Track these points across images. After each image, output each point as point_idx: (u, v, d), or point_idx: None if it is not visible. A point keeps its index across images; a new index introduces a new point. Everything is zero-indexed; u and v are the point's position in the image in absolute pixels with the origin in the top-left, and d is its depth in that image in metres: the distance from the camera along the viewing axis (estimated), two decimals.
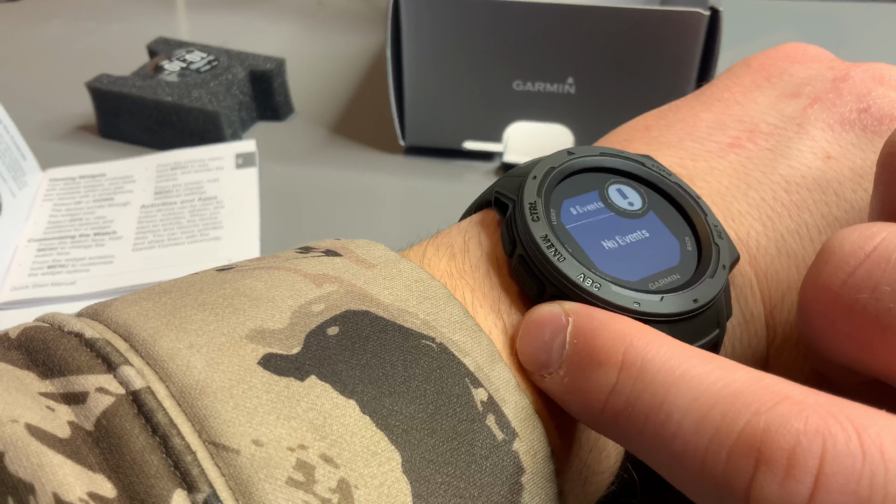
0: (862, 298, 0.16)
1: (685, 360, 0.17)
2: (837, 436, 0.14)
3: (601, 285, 0.19)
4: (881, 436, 0.14)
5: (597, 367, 0.18)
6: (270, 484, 0.15)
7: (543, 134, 0.52)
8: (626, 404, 0.17)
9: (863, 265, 0.16)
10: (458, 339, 0.19)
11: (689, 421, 0.16)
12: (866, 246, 0.16)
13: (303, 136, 0.58)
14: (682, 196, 0.22)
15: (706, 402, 0.16)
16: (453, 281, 0.21)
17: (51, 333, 0.17)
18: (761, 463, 0.14)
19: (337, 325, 0.18)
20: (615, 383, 0.17)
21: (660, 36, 0.48)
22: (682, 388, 0.16)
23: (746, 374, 0.16)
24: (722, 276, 0.21)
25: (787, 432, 0.14)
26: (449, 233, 0.23)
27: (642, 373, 0.17)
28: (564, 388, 0.18)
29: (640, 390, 0.17)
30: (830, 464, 0.14)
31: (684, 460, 0.16)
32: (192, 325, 0.17)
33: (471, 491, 0.17)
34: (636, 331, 0.18)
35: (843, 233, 0.17)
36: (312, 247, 0.21)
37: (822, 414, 0.14)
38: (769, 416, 0.15)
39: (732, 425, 0.15)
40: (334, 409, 0.16)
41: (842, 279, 0.17)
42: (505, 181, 0.22)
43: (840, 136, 0.24)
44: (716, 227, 0.22)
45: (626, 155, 0.23)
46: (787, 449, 0.14)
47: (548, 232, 0.20)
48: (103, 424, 0.15)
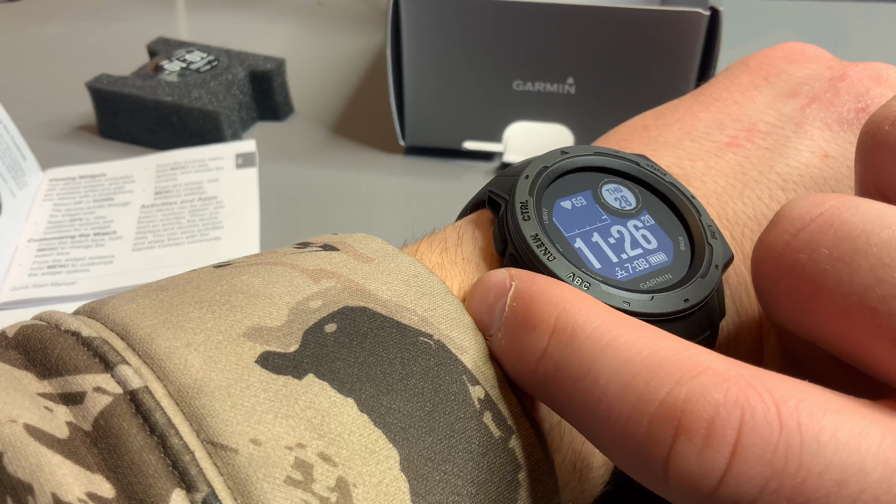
0: (801, 258, 0.16)
1: (615, 328, 0.17)
2: (756, 407, 0.14)
3: (591, 284, 0.19)
4: (799, 408, 0.14)
5: (530, 331, 0.18)
6: (269, 483, 0.15)
7: (543, 134, 0.52)
8: (555, 368, 0.17)
9: (807, 228, 0.17)
10: (456, 336, 0.19)
11: (613, 387, 0.16)
12: (813, 211, 0.17)
13: (303, 136, 0.58)
14: (677, 196, 0.22)
15: (631, 369, 0.16)
16: (443, 272, 0.21)
17: (48, 332, 0.17)
18: (681, 432, 0.15)
19: (335, 322, 0.18)
20: (546, 347, 0.18)
21: (660, 36, 0.48)
22: (609, 355, 0.16)
23: (672, 344, 0.16)
24: (714, 276, 0.21)
25: (707, 403, 0.15)
26: (444, 231, 0.23)
27: (572, 338, 0.17)
28: (501, 350, 0.19)
29: (569, 355, 0.17)
30: (748, 434, 0.14)
31: (608, 425, 0.16)
32: (189, 322, 0.17)
33: (468, 488, 0.17)
34: (571, 296, 0.18)
35: (797, 199, 0.17)
36: (310, 242, 0.21)
37: (743, 385, 0.15)
38: (690, 386, 0.15)
39: (655, 393, 0.15)
40: (332, 407, 0.16)
41: (786, 240, 0.17)
42: (498, 180, 0.22)
43: (838, 135, 0.24)
44: (710, 228, 0.22)
45: (621, 154, 0.23)
46: (706, 419, 0.14)
47: (538, 231, 0.20)
48: (101, 424, 0.15)
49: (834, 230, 0.16)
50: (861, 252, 0.16)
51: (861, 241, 0.16)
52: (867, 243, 0.15)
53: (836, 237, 0.16)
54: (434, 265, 0.21)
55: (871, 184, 0.19)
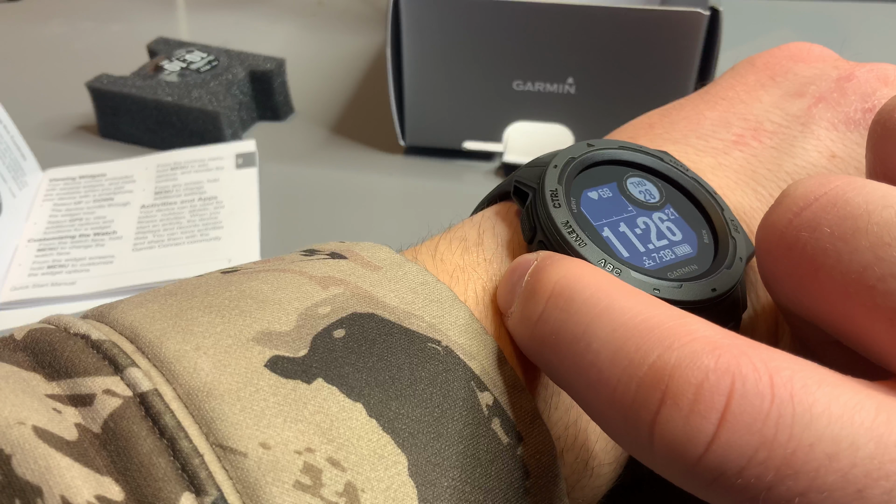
0: (802, 236, 0.16)
1: (611, 293, 0.17)
2: (748, 375, 0.14)
3: (621, 271, 0.19)
4: (793, 379, 0.14)
5: (531, 296, 0.18)
6: (278, 487, 0.15)
7: (543, 134, 0.52)
8: (551, 332, 0.17)
9: (810, 207, 0.16)
10: (464, 342, 0.19)
11: (605, 351, 0.16)
12: (818, 191, 0.17)
13: (303, 136, 0.58)
14: (699, 191, 0.22)
15: (623, 334, 0.16)
16: (466, 274, 0.21)
17: (57, 335, 0.17)
18: (668, 396, 0.14)
19: (343, 327, 0.18)
20: (542, 310, 0.18)
21: (660, 36, 0.48)
22: (603, 320, 0.16)
23: (667, 312, 0.16)
24: (739, 267, 0.21)
25: (696, 368, 0.14)
26: (462, 226, 0.23)
27: (569, 303, 0.17)
28: (513, 323, 0.19)
29: (565, 319, 0.17)
30: (738, 402, 0.14)
31: (598, 389, 0.16)
32: (198, 327, 0.17)
33: (476, 495, 0.17)
34: (575, 265, 0.18)
35: (803, 179, 0.17)
36: (317, 249, 0.21)
37: (735, 353, 0.14)
38: (681, 351, 0.15)
39: (645, 358, 0.15)
40: (341, 412, 0.16)
41: (788, 219, 0.17)
42: (525, 171, 0.23)
43: (844, 135, 0.24)
44: (732, 222, 0.22)
45: (645, 149, 0.23)
46: (695, 384, 0.14)
47: (569, 218, 0.20)
48: (111, 427, 0.15)
49: (837, 209, 0.16)
50: (861, 230, 0.15)
51: (862, 219, 0.15)
52: (868, 222, 0.15)
53: (839, 216, 0.16)
54: (456, 267, 0.21)
55: (880, 171, 0.19)
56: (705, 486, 0.14)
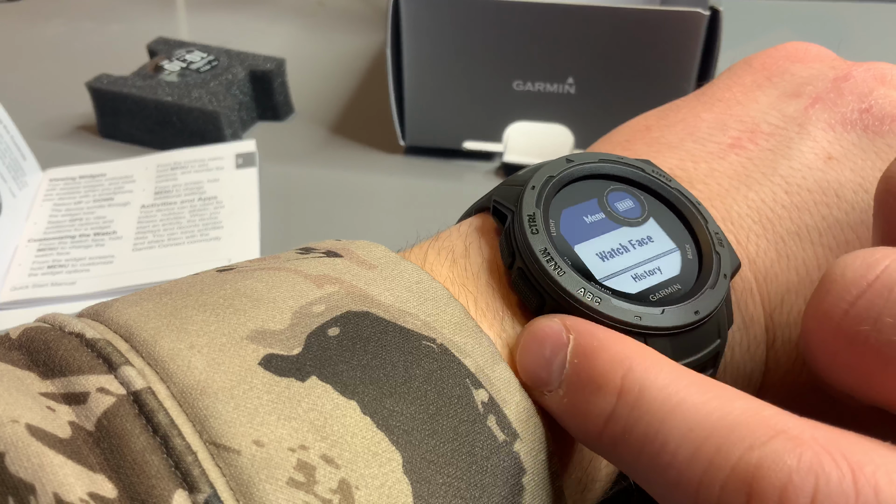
0: (864, 330, 0.16)
1: (683, 388, 0.16)
2: (831, 473, 0.14)
3: (601, 299, 0.19)
4: (876, 474, 0.14)
5: (595, 391, 0.18)
6: (271, 484, 0.15)
7: (543, 134, 0.52)
8: (623, 430, 0.17)
9: (865, 295, 0.16)
10: (459, 340, 0.19)
11: (683, 451, 0.16)
12: (869, 275, 0.16)
13: (303, 136, 0.58)
14: (683, 203, 0.22)
15: (701, 433, 0.15)
16: (455, 288, 0.21)
17: (52, 334, 0.17)
18: (753, 498, 0.14)
19: (338, 325, 0.18)
20: (613, 409, 0.17)
21: (660, 36, 0.48)
22: (678, 418, 0.16)
23: (744, 405, 0.16)
24: (723, 286, 0.20)
25: (780, 469, 0.14)
26: (449, 236, 0.23)
27: (640, 400, 0.17)
28: (563, 409, 0.18)
29: (637, 417, 0.17)
30: (823, 502, 0.14)
31: (678, 490, 0.16)
32: (192, 325, 0.17)
33: (472, 492, 0.17)
34: (636, 354, 0.18)
35: (846, 259, 0.17)
36: (313, 248, 0.21)
37: (817, 450, 0.14)
38: (762, 451, 0.15)
39: (726, 459, 0.15)
40: (335, 409, 0.16)
41: (844, 309, 0.16)
42: (503, 190, 0.22)
43: (841, 136, 0.24)
44: (717, 235, 0.21)
45: (626, 161, 0.23)
46: (779, 486, 0.14)
47: (547, 245, 0.20)
48: (104, 425, 0.15)
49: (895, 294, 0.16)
50: None
51: None
52: None
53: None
54: (445, 280, 0.21)
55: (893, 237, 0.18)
56: None
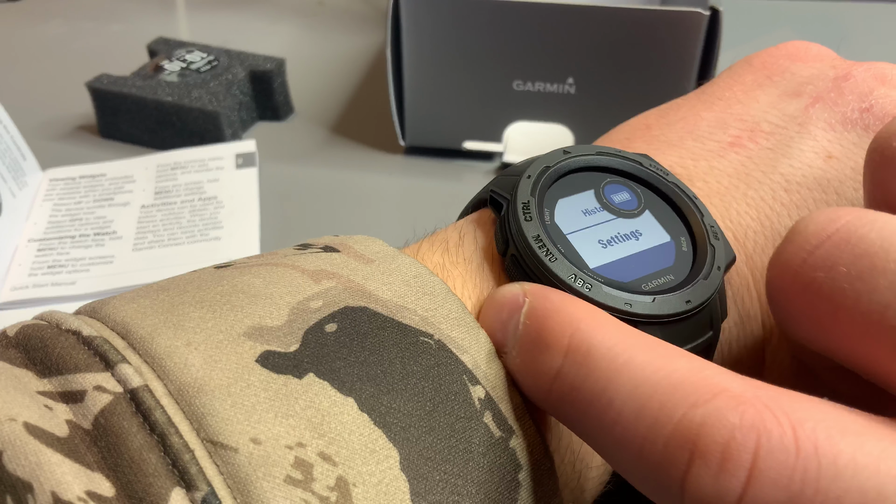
0: (818, 277, 0.16)
1: (630, 347, 0.17)
2: (772, 431, 0.14)
3: (592, 286, 0.19)
4: (816, 431, 0.14)
5: (544, 350, 0.18)
6: (269, 482, 0.15)
7: (543, 134, 0.52)
8: (570, 388, 0.17)
9: (823, 245, 0.16)
10: (456, 335, 0.19)
11: (629, 409, 0.16)
12: (829, 227, 0.16)
13: (303, 136, 0.58)
14: (679, 196, 0.22)
15: (646, 391, 0.16)
16: (445, 272, 0.21)
17: (48, 331, 0.17)
18: (696, 456, 0.15)
19: (335, 321, 0.18)
20: (560, 367, 0.17)
21: (660, 36, 0.48)
22: (624, 377, 0.16)
23: (687, 364, 0.16)
24: (716, 277, 0.20)
25: (722, 426, 0.14)
26: (445, 230, 0.23)
27: (587, 359, 0.17)
28: (516, 368, 0.19)
29: (584, 376, 0.17)
30: (764, 459, 0.14)
31: (623, 447, 0.16)
32: (189, 322, 0.17)
33: (468, 488, 0.17)
34: (586, 314, 0.18)
35: (812, 214, 0.17)
36: (311, 243, 0.21)
37: (759, 408, 0.14)
38: (706, 409, 0.15)
39: (670, 416, 0.15)
40: (332, 406, 0.16)
41: (802, 258, 0.17)
42: (500, 180, 0.22)
43: (842, 135, 0.24)
44: (712, 228, 0.21)
45: (623, 154, 0.23)
46: (722, 443, 0.14)
47: (540, 232, 0.20)
48: (101, 423, 0.15)
49: (851, 247, 0.16)
50: (880, 269, 0.15)
51: (880, 258, 0.15)
52: (886, 260, 0.15)
53: (854, 254, 0.16)
54: (435, 265, 0.21)
55: (880, 199, 0.18)
56: None
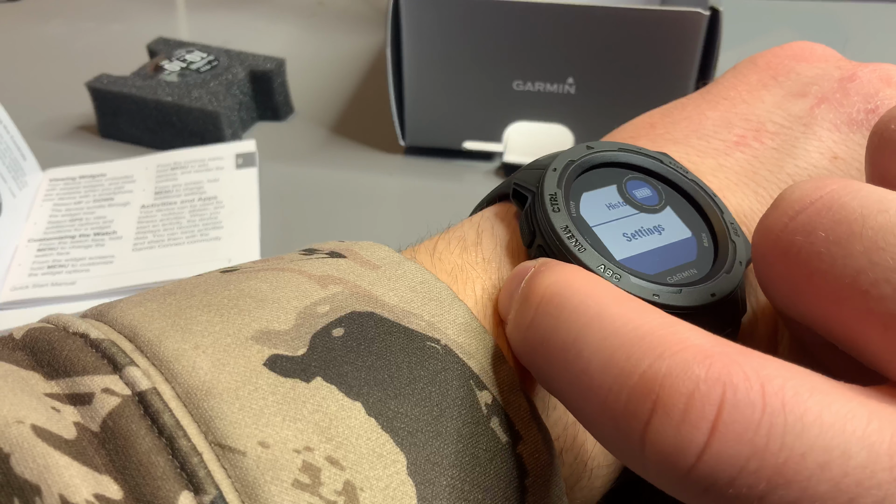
0: (797, 241, 0.16)
1: (601, 299, 0.17)
2: (738, 384, 0.14)
3: (621, 276, 0.19)
4: (784, 387, 0.14)
5: (524, 302, 0.18)
6: (276, 486, 0.15)
7: (543, 134, 0.52)
8: (541, 339, 0.17)
9: (806, 211, 0.16)
10: (463, 341, 0.19)
11: (597, 359, 0.16)
12: (813, 194, 0.16)
13: (303, 136, 0.58)
14: (699, 193, 0.22)
15: (615, 342, 0.16)
16: (464, 273, 0.21)
17: (56, 334, 0.17)
18: (658, 406, 0.14)
19: (342, 326, 0.18)
20: (533, 316, 0.18)
21: (660, 36, 0.48)
22: (594, 327, 0.16)
23: (657, 319, 0.16)
24: (739, 272, 0.21)
25: (687, 377, 0.14)
26: (461, 226, 0.23)
27: (559, 309, 0.17)
28: (509, 328, 0.19)
29: (555, 326, 0.17)
30: (729, 411, 0.14)
31: (589, 397, 0.16)
32: (197, 325, 0.17)
33: (475, 494, 0.17)
34: (566, 270, 0.18)
35: (799, 183, 0.17)
36: (316, 248, 0.21)
37: (726, 362, 0.14)
38: (672, 360, 0.15)
39: (636, 367, 0.15)
40: (340, 410, 0.16)
41: (784, 223, 0.17)
42: (524, 173, 0.22)
43: (847, 136, 0.24)
44: (732, 225, 0.22)
45: (645, 151, 0.23)
46: (685, 394, 0.14)
47: (568, 223, 0.20)
48: (109, 425, 0.15)
49: (832, 213, 0.16)
50: (856, 235, 0.15)
51: (857, 224, 0.15)
52: (862, 226, 0.15)
53: (833, 220, 0.16)
54: (454, 266, 0.21)
55: (878, 181, 0.18)
56: (697, 496, 0.14)
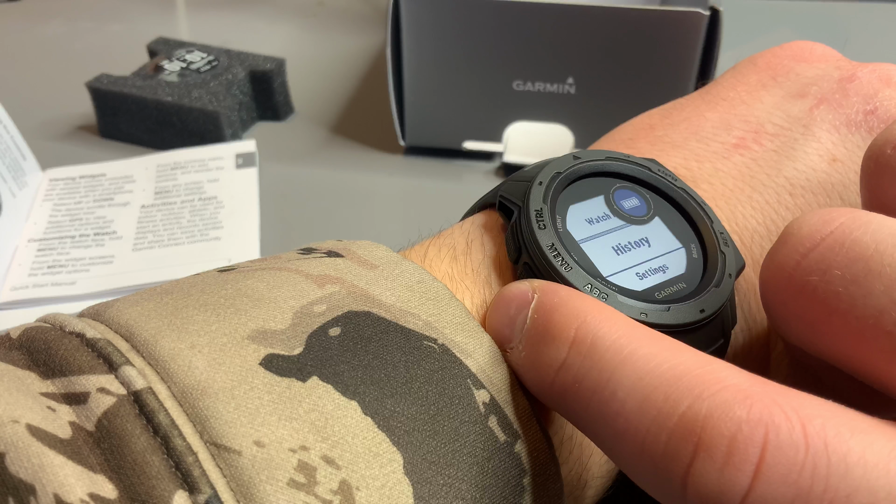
0: (812, 280, 0.16)
1: (634, 340, 0.16)
2: (781, 425, 0.14)
3: (608, 295, 0.19)
4: (826, 427, 0.14)
5: (550, 342, 0.18)
6: (272, 485, 0.15)
7: (543, 134, 0.52)
8: (573, 380, 0.17)
9: (817, 248, 0.16)
10: (460, 340, 0.19)
11: (632, 400, 0.15)
12: (823, 229, 0.16)
13: (303, 136, 0.58)
14: (688, 202, 0.22)
15: (650, 382, 0.15)
16: (454, 284, 0.21)
17: (52, 334, 0.17)
18: (701, 449, 0.14)
19: (339, 325, 0.18)
20: (565, 358, 0.17)
21: (660, 36, 0.48)
22: (628, 368, 0.16)
23: (693, 358, 0.16)
24: (728, 285, 0.20)
25: (729, 419, 0.14)
26: (451, 233, 0.23)
27: (592, 350, 0.17)
28: (521, 362, 0.19)
29: (588, 367, 0.17)
30: (772, 453, 0.14)
31: (626, 439, 0.16)
32: (193, 325, 0.17)
33: (473, 493, 0.17)
34: (592, 308, 0.18)
35: (805, 216, 0.17)
36: (314, 248, 0.21)
37: (767, 402, 0.14)
38: (712, 401, 0.14)
39: (674, 408, 0.15)
40: (336, 410, 0.16)
41: (796, 260, 0.16)
42: (510, 186, 0.22)
43: (846, 138, 0.24)
44: (722, 235, 0.21)
45: (632, 159, 0.23)
46: (728, 436, 0.14)
47: (554, 240, 0.20)
48: (104, 425, 0.15)
49: (845, 250, 0.16)
50: (875, 273, 0.15)
51: (874, 261, 0.15)
52: (881, 264, 0.15)
53: (848, 257, 0.16)
54: (444, 276, 0.21)
55: (876, 206, 0.18)
56: None
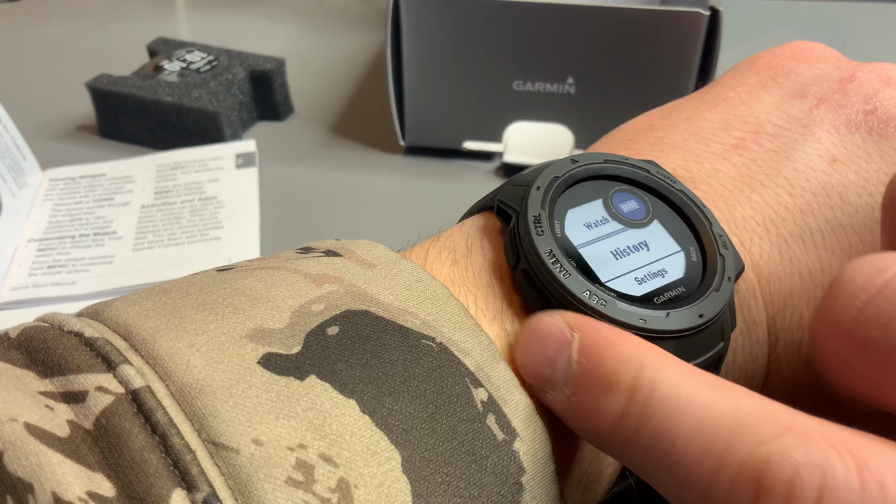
0: (873, 336, 0.16)
1: (693, 386, 0.17)
2: (837, 469, 0.14)
3: (607, 302, 0.19)
4: (882, 471, 0.14)
5: (607, 390, 0.17)
6: (270, 483, 0.15)
7: (543, 134, 0.52)
8: (633, 429, 0.17)
9: (874, 300, 0.16)
10: (459, 338, 0.19)
11: (693, 449, 0.16)
12: (878, 280, 0.16)
13: (303, 136, 0.58)
14: (687, 205, 0.22)
15: (711, 430, 0.16)
16: (456, 288, 0.21)
17: (51, 333, 0.17)
18: (762, 493, 0.15)
19: (337, 324, 0.18)
20: (625, 408, 0.17)
21: (660, 36, 0.48)
22: (688, 416, 0.16)
23: (753, 402, 0.16)
24: (727, 288, 0.20)
25: (788, 464, 0.15)
26: (451, 235, 0.23)
27: (650, 398, 0.17)
28: (570, 408, 0.18)
29: (648, 416, 0.17)
30: (829, 496, 0.14)
31: (688, 487, 0.16)
32: (191, 324, 0.17)
33: (471, 490, 0.17)
34: (645, 353, 0.18)
35: (855, 264, 0.17)
36: (313, 247, 0.21)
37: (824, 446, 0.15)
38: (771, 446, 0.15)
39: (736, 455, 0.15)
40: (334, 408, 0.16)
41: (853, 315, 0.16)
42: (508, 190, 0.22)
43: (846, 138, 0.24)
44: (721, 238, 0.21)
45: (631, 162, 0.23)
46: (787, 480, 0.14)
47: (553, 247, 0.20)
48: (102, 423, 0.15)
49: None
50: None
51: None
52: None
53: None
54: (445, 279, 0.21)
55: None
56: None
